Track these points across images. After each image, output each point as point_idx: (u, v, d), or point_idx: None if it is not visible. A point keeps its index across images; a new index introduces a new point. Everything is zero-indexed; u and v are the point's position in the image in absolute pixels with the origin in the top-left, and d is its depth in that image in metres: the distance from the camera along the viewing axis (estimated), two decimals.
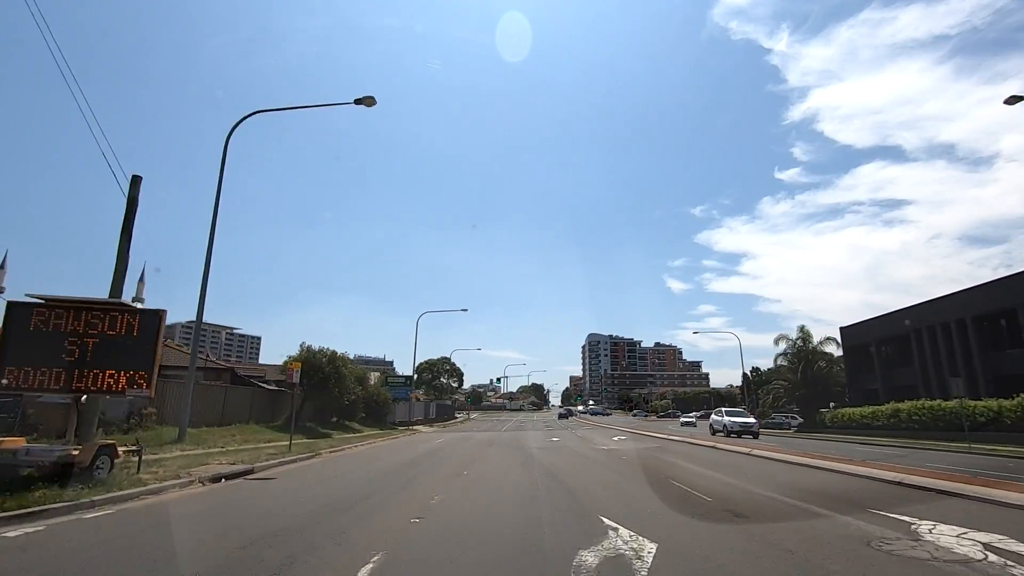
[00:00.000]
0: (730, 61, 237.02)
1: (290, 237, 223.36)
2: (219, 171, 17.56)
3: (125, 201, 13.47)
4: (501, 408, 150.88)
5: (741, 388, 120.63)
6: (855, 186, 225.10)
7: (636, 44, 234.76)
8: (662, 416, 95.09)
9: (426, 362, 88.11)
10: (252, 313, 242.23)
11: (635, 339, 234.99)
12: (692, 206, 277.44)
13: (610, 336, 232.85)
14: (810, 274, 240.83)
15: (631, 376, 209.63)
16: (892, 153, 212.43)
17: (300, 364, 24.21)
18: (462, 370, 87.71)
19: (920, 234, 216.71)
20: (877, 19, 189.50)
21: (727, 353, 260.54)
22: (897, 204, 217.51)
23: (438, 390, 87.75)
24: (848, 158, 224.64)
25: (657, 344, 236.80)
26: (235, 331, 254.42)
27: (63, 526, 6.79)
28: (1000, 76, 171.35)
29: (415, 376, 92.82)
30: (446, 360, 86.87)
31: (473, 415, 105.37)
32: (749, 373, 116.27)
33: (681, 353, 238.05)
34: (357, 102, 18.38)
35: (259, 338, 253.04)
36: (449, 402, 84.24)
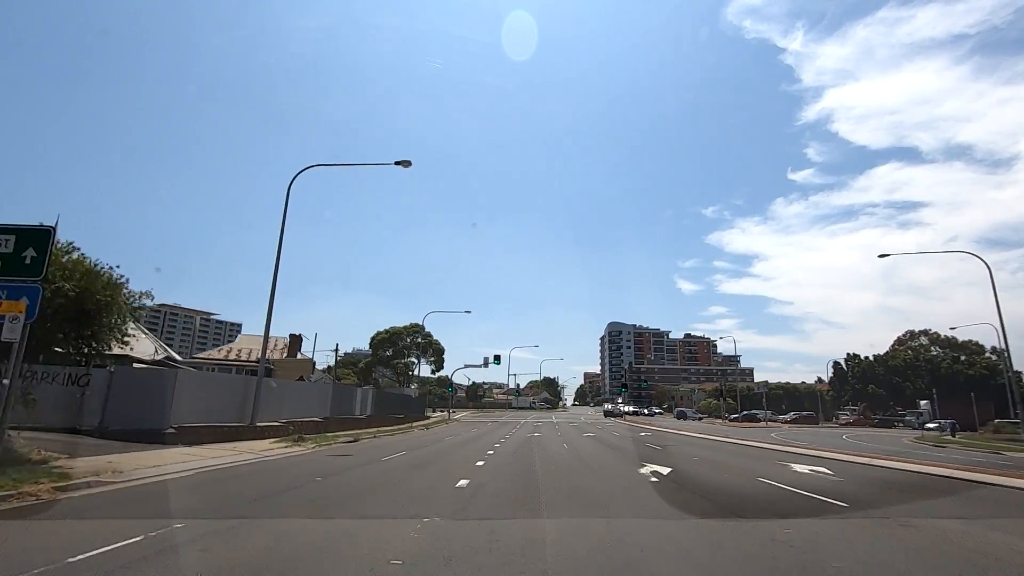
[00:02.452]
0: (743, 60, 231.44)
1: (294, 234, 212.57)
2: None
3: None
4: (504, 406, 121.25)
5: (832, 381, 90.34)
6: (870, 187, 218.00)
7: (646, 42, 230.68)
8: (735, 420, 65.66)
9: (387, 332, 59.24)
10: (255, 308, 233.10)
11: (662, 329, 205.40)
12: (703, 206, 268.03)
13: (634, 326, 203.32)
14: (824, 276, 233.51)
15: (660, 371, 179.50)
16: (908, 154, 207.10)
17: None
18: (441, 345, 58.86)
19: (936, 236, 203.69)
20: (894, 18, 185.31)
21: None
22: (913, 206, 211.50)
23: (404, 374, 59.00)
24: (863, 159, 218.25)
25: (687, 335, 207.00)
26: (212, 316, 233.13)
27: None
28: (1021, 76, 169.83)
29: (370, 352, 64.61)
30: (416, 328, 57.66)
31: (460, 414, 76.36)
32: (843, 363, 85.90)
33: (716, 346, 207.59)
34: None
35: (239, 324, 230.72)
36: (412, 392, 54.99)
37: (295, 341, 40.05)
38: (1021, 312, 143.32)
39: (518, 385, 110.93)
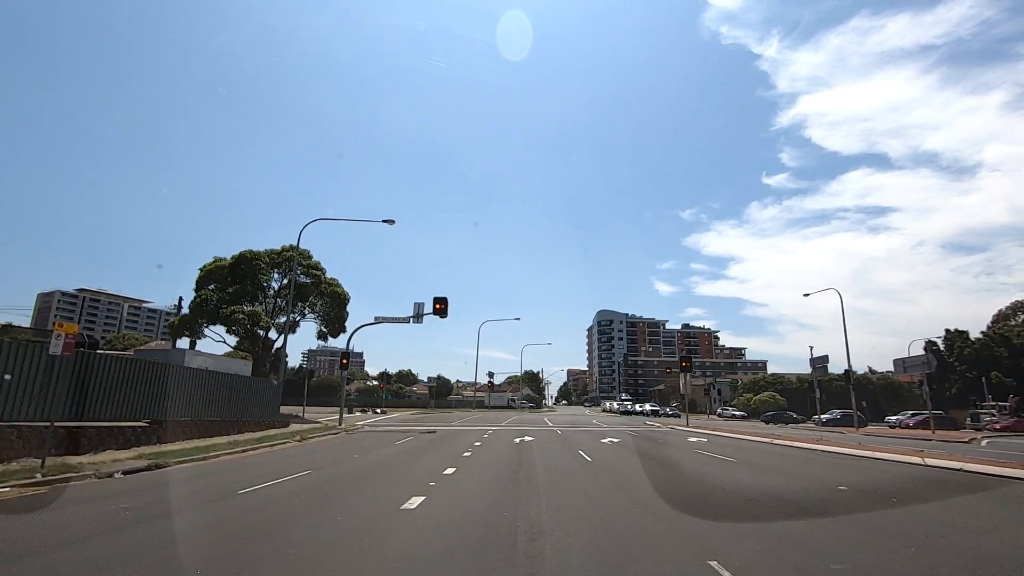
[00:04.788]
0: (720, 65, 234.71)
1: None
2: None
3: None
4: (471, 405, 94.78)
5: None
6: (841, 192, 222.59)
7: (631, 45, 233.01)
8: (827, 425, 41.07)
9: (232, 259, 30.97)
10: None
11: (657, 318, 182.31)
12: (682, 209, 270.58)
13: (627, 315, 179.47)
14: (797, 279, 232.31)
15: (659, 364, 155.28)
16: (878, 160, 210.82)
17: None
18: (344, 291, 31.75)
19: (905, 241, 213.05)
20: (866, 27, 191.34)
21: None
22: (882, 211, 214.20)
23: (253, 337, 31.57)
24: (835, 164, 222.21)
25: (686, 325, 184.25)
26: (144, 304, 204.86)
27: None
28: (984, 86, 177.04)
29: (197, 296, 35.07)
30: (289, 254, 29.53)
31: (391, 414, 50.70)
32: (941, 344, 61.38)
33: (718, 338, 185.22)
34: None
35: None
36: (269, 373, 28.64)
37: None
38: None
39: (491, 375, 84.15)
